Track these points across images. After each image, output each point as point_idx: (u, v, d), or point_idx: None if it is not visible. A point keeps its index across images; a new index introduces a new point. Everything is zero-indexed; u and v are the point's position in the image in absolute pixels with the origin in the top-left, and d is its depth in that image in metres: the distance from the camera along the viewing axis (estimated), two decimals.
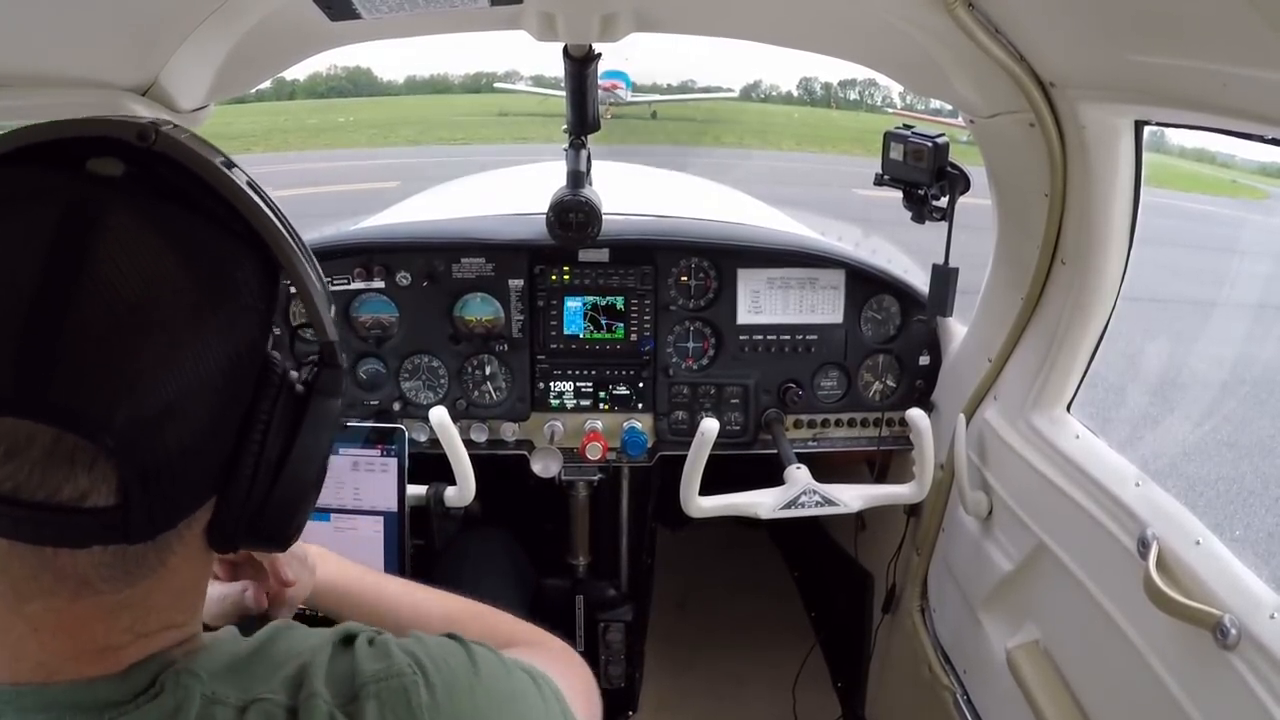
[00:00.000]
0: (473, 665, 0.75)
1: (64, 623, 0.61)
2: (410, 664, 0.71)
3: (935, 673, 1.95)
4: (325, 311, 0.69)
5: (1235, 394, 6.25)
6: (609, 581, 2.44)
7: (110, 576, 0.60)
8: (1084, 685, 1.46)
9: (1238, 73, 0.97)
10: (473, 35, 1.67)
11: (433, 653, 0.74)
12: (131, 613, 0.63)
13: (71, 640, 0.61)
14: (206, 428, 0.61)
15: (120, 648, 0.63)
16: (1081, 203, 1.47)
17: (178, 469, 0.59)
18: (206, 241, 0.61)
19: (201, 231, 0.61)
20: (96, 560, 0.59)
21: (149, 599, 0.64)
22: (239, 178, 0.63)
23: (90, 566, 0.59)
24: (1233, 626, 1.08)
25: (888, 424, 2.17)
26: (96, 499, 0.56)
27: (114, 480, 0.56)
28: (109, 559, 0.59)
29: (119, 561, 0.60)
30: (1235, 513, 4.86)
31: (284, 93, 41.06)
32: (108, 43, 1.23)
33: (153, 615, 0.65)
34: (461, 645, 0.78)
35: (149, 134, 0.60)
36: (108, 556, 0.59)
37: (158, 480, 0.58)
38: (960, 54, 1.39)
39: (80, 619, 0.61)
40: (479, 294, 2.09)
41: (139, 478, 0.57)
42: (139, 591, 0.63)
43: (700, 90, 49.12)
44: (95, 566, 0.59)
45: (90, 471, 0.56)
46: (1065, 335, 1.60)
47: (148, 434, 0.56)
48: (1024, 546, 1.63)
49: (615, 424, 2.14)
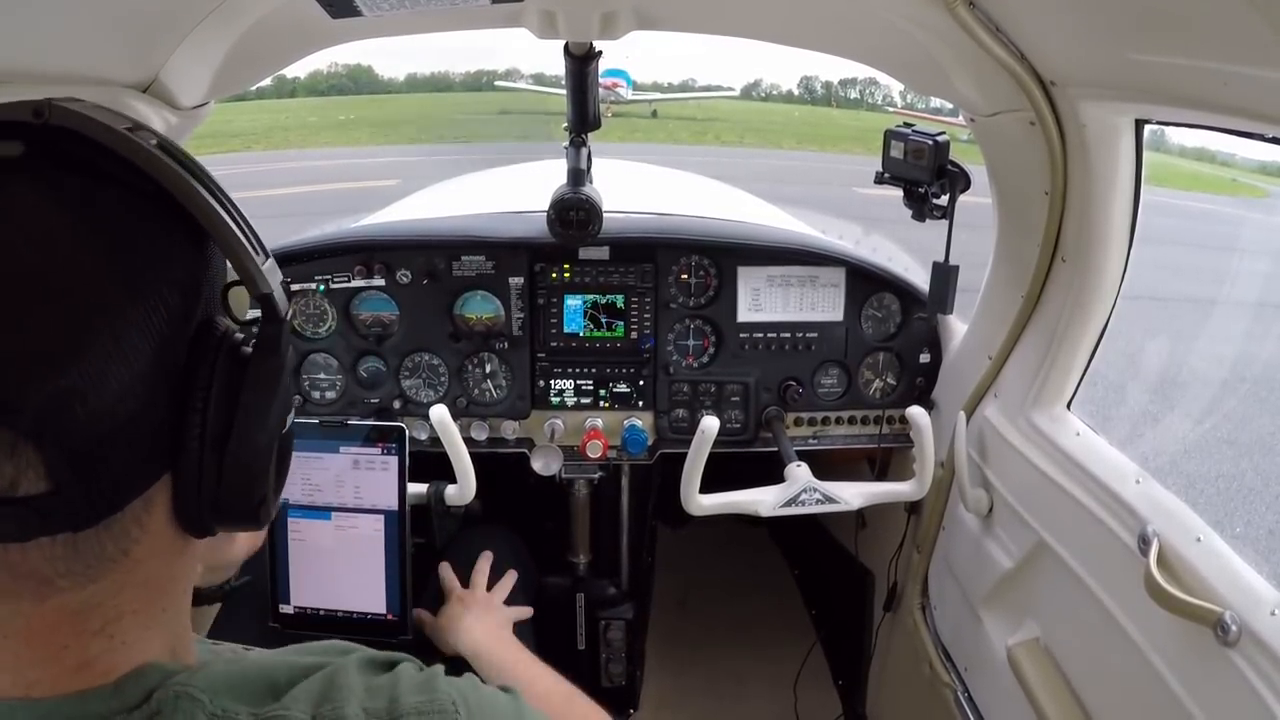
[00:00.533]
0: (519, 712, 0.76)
1: (33, 628, 0.58)
2: (452, 703, 0.70)
3: (936, 670, 1.95)
4: (254, 263, 0.63)
5: (1235, 392, 6.25)
6: (609, 579, 2.44)
7: (68, 571, 0.57)
8: (1085, 682, 1.46)
9: (1238, 71, 0.97)
10: (474, 33, 1.67)
11: (482, 698, 0.74)
12: (101, 613, 0.60)
13: (43, 647, 0.59)
14: (136, 398, 0.57)
15: (99, 656, 0.61)
16: (1082, 201, 1.47)
17: (109, 445, 0.56)
18: (114, 209, 0.59)
19: (109, 200, 0.59)
20: (49, 554, 0.56)
21: (118, 597, 0.61)
22: (145, 140, 0.60)
23: (43, 561, 0.56)
24: (1233, 623, 1.08)
25: (888, 422, 2.17)
26: (27, 486, 0.53)
27: (40, 464, 0.53)
28: (61, 551, 0.57)
29: (73, 554, 0.57)
30: (1236, 509, 4.86)
31: (285, 90, 41.07)
32: (108, 40, 1.23)
33: (127, 617, 0.62)
34: (514, 700, 0.78)
35: (43, 110, 0.58)
36: (59, 549, 0.56)
37: (89, 459, 0.55)
38: (961, 52, 1.39)
39: (48, 623, 0.59)
40: (479, 292, 2.09)
41: (66, 459, 0.54)
42: (105, 587, 0.60)
43: (701, 89, 49.10)
44: (49, 560, 0.57)
45: (13, 458, 0.53)
46: (1065, 333, 1.60)
47: (67, 411, 0.53)
48: (1024, 544, 1.64)
49: (616, 422, 2.14)
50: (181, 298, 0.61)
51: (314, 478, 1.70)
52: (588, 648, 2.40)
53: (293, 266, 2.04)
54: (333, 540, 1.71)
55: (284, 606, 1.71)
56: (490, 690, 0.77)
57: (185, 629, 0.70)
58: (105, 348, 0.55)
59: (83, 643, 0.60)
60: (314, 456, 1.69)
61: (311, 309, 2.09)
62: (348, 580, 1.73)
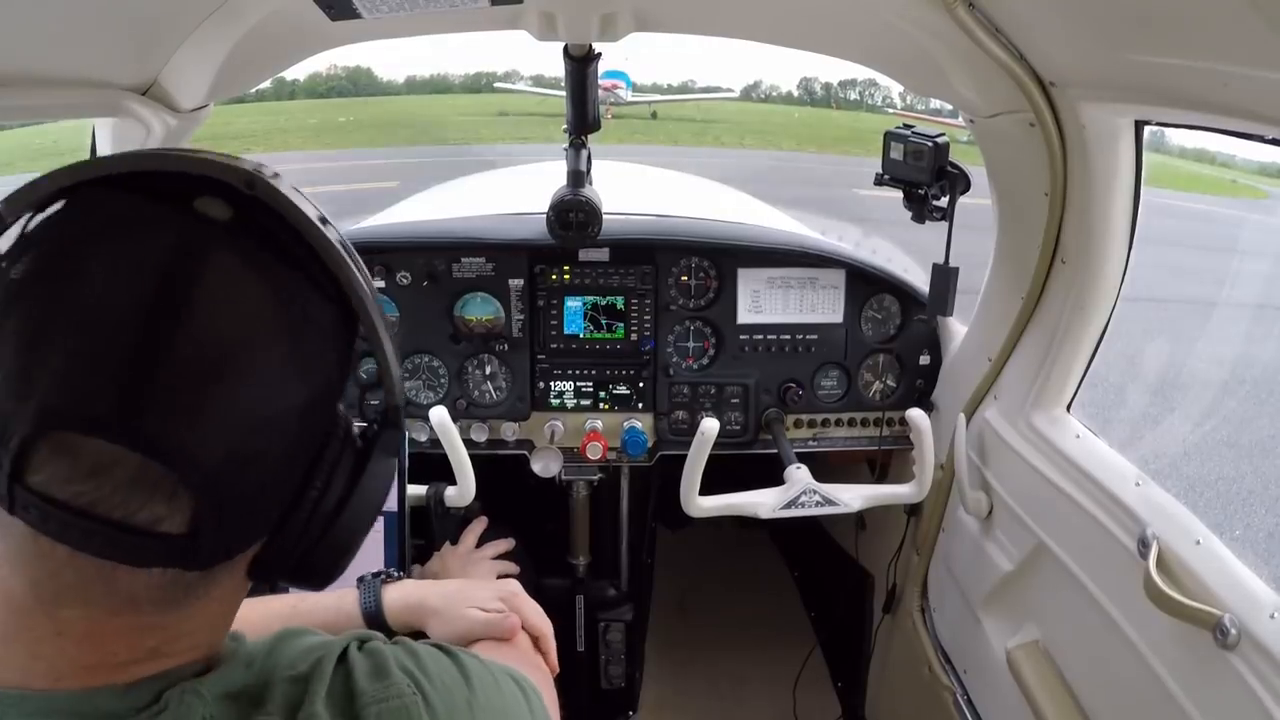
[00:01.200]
0: (466, 681, 0.77)
1: (93, 632, 0.61)
2: (410, 684, 0.72)
3: (935, 673, 1.95)
4: (397, 374, 0.71)
5: (1235, 394, 6.26)
6: (609, 581, 2.44)
7: (159, 599, 0.61)
8: (1084, 685, 1.46)
9: (1238, 72, 0.97)
10: (473, 35, 1.67)
11: (428, 669, 0.76)
12: (161, 634, 0.64)
13: (95, 651, 0.61)
14: (278, 471, 0.63)
15: (137, 664, 0.63)
16: (1082, 202, 1.47)
17: (247, 507, 0.62)
18: (298, 293, 0.62)
19: (295, 283, 0.62)
20: (153, 582, 0.60)
21: (181, 625, 0.65)
22: (332, 235, 0.65)
23: (144, 587, 0.60)
24: (1233, 626, 1.08)
25: (888, 424, 2.17)
26: (169, 526, 0.58)
27: (189, 511, 0.58)
28: (164, 582, 0.60)
29: (171, 585, 0.61)
30: (1235, 512, 4.86)
31: (284, 92, 41.11)
32: (108, 42, 1.23)
33: (181, 639, 0.65)
34: (450, 657, 0.79)
35: (254, 182, 0.62)
36: (164, 579, 0.60)
37: (229, 514, 0.60)
38: (960, 53, 1.39)
39: (112, 632, 0.61)
40: (479, 294, 2.09)
41: (213, 511, 0.59)
42: (176, 618, 0.64)
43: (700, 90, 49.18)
44: (149, 588, 0.60)
45: (170, 501, 0.57)
46: (1065, 335, 1.60)
47: (229, 472, 0.58)
48: (1024, 546, 1.63)
49: (615, 423, 2.14)
50: (330, 385, 0.66)
51: None
52: (587, 649, 2.39)
53: None
54: None
55: None
56: (425, 651, 0.79)
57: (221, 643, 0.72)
58: (273, 421, 0.60)
59: (132, 653, 0.63)
60: None
61: None
62: (347, 580, 1.72)
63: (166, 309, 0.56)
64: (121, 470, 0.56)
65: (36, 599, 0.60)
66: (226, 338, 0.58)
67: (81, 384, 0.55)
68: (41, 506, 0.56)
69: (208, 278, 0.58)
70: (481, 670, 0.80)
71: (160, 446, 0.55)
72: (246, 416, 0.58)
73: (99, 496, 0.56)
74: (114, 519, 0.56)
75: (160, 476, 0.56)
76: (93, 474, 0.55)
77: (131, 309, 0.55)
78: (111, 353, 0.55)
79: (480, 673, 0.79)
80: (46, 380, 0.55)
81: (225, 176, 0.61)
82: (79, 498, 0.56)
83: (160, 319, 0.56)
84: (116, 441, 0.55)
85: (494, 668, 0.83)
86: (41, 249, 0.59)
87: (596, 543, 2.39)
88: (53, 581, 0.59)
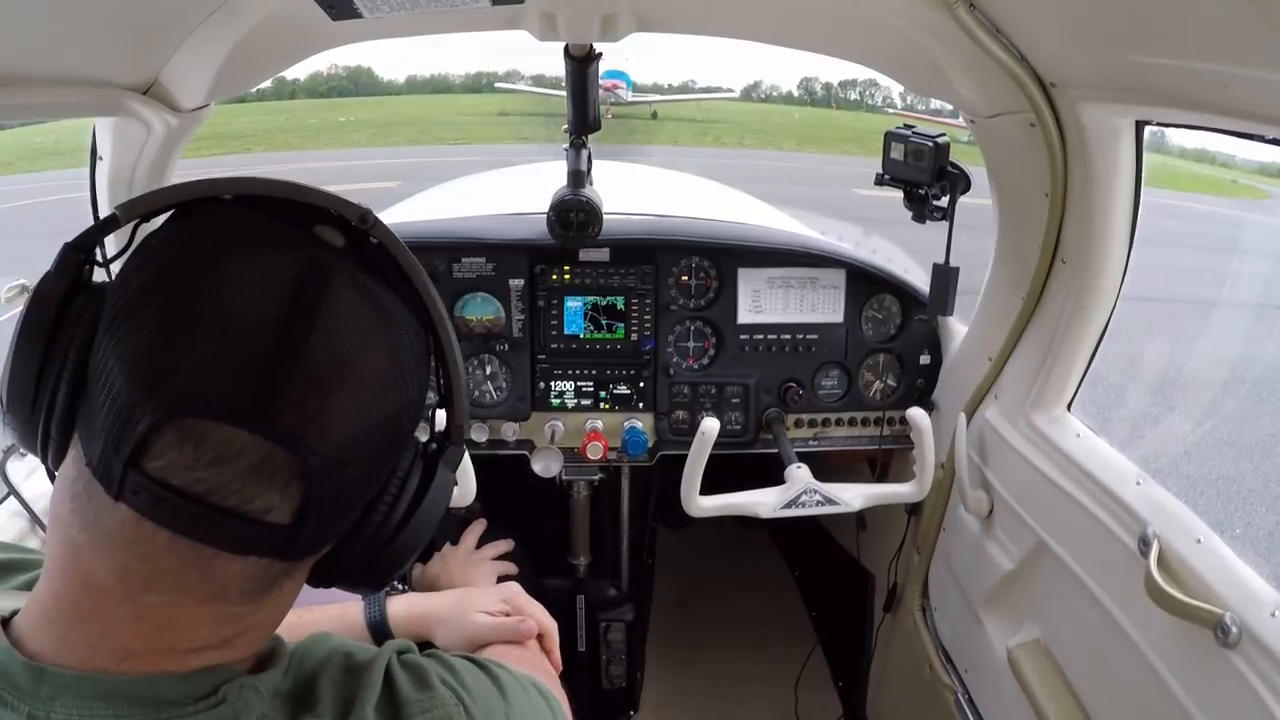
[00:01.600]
0: (502, 694, 0.81)
1: (175, 619, 0.63)
2: (452, 696, 0.76)
3: (936, 672, 1.95)
4: (465, 395, 0.77)
5: (1235, 393, 6.26)
6: (610, 581, 2.44)
7: (247, 590, 0.64)
8: (1085, 684, 1.46)
9: (1239, 73, 0.97)
10: (474, 35, 1.67)
11: (466, 683, 0.79)
12: (236, 625, 0.66)
13: (171, 635, 0.63)
14: (369, 475, 0.68)
15: (204, 653, 0.65)
16: (1082, 202, 1.47)
17: (342, 505, 0.67)
18: (398, 317, 0.69)
19: (395, 308, 0.69)
20: (245, 571, 0.63)
21: (254, 616, 0.67)
22: (424, 271, 0.73)
23: (237, 576, 0.63)
24: (1233, 624, 1.08)
25: (888, 423, 2.17)
26: (277, 516, 0.61)
27: (297, 501, 0.62)
28: (255, 571, 0.63)
29: (260, 575, 0.64)
30: (1236, 511, 4.86)
31: (284, 92, 41.13)
32: (108, 42, 1.23)
33: (250, 632, 0.68)
34: (484, 670, 0.83)
35: (369, 219, 0.70)
36: (255, 569, 0.63)
37: (327, 511, 0.64)
38: (961, 54, 1.39)
39: (193, 620, 0.64)
40: (479, 293, 2.09)
41: (318, 504, 0.63)
42: (252, 608, 0.66)
43: (701, 90, 49.19)
44: (241, 577, 0.63)
45: (284, 490, 0.61)
46: (1066, 334, 1.60)
47: (336, 468, 0.63)
48: (1025, 545, 1.64)
49: (616, 423, 2.14)
50: (414, 403, 0.71)
51: None
52: (588, 649, 2.39)
53: None
54: None
55: None
56: (460, 664, 0.83)
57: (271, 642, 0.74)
58: (373, 428, 0.65)
59: (206, 642, 0.65)
60: None
61: None
62: None
63: (302, 315, 0.62)
64: (247, 459, 0.59)
65: (123, 584, 0.61)
66: (349, 346, 0.63)
67: (224, 375, 0.59)
68: (154, 490, 0.59)
69: (333, 292, 0.64)
70: (513, 683, 0.83)
71: (286, 435, 0.60)
72: (357, 419, 0.63)
73: (217, 484, 0.59)
74: (227, 505, 0.60)
75: (280, 466, 0.60)
76: (216, 461, 0.59)
77: (270, 313, 0.61)
78: (254, 349, 0.60)
79: (513, 685, 0.83)
80: (187, 371, 0.58)
81: (342, 210, 0.69)
82: (196, 484, 0.59)
83: (295, 324, 0.61)
84: (253, 430, 0.59)
85: (522, 679, 0.86)
86: (176, 250, 0.64)
87: (597, 543, 2.39)
88: (145, 566, 0.61)
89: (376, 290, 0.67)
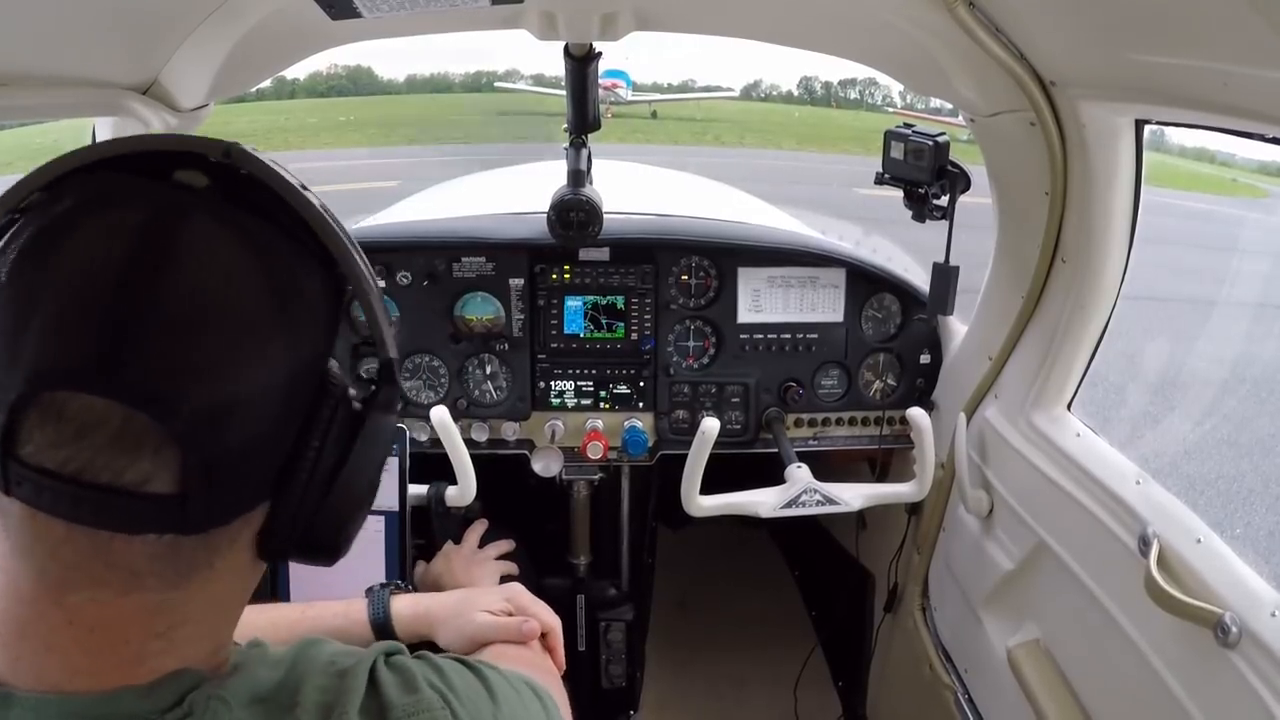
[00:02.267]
0: (491, 696, 0.79)
1: (104, 618, 0.61)
2: (439, 699, 0.74)
3: (936, 672, 1.95)
4: (387, 329, 0.72)
5: (1235, 392, 6.25)
6: (610, 581, 2.44)
7: (161, 571, 0.61)
8: (1085, 684, 1.46)
9: (1238, 71, 0.97)
10: (473, 34, 1.67)
11: (454, 685, 0.77)
12: (169, 617, 0.63)
13: (106, 639, 0.61)
14: (266, 429, 0.63)
15: (151, 656, 0.63)
16: (1082, 201, 1.47)
17: (236, 465, 0.62)
18: (280, 252, 0.64)
19: (276, 242, 0.64)
20: (150, 551, 0.60)
21: (189, 604, 0.64)
22: (313, 199, 0.67)
23: (143, 558, 0.60)
24: (1233, 624, 1.08)
25: (888, 423, 2.17)
26: (158, 485, 0.58)
27: (176, 467, 0.58)
28: (162, 550, 0.60)
29: (171, 555, 0.61)
30: (1236, 511, 4.86)
31: (284, 91, 41.13)
32: (108, 41, 1.23)
33: (190, 625, 0.65)
34: (473, 672, 0.81)
35: (231, 152, 0.64)
36: (161, 548, 0.60)
37: (217, 473, 0.60)
38: (961, 53, 1.39)
39: (121, 616, 0.61)
40: (479, 293, 2.09)
41: (200, 467, 0.59)
42: (183, 595, 0.64)
43: (700, 89, 49.18)
44: (148, 558, 0.60)
45: (155, 456, 0.57)
46: (1066, 334, 1.60)
47: (212, 425, 0.59)
48: (1025, 545, 1.63)
49: (616, 423, 2.14)
50: (318, 345, 0.67)
51: None
52: (588, 649, 2.39)
53: None
54: None
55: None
56: (449, 665, 0.80)
57: (230, 635, 0.72)
58: (255, 376, 0.61)
59: (143, 641, 0.63)
60: None
61: None
62: (347, 580, 1.72)
63: (142, 264, 0.58)
64: (106, 428, 0.56)
65: (44, 588, 0.60)
66: (205, 290, 0.59)
67: (62, 341, 0.56)
68: (35, 479, 0.56)
69: (184, 236, 0.59)
70: (503, 683, 0.81)
71: (141, 395, 0.56)
72: (227, 368, 0.59)
73: (87, 460, 0.56)
74: (102, 482, 0.57)
75: (144, 431, 0.57)
76: (79, 435, 0.56)
77: (108, 268, 0.57)
78: (90, 308, 0.56)
79: (502, 686, 0.81)
80: (30, 345, 0.56)
81: (201, 148, 0.64)
82: (68, 464, 0.56)
83: (136, 273, 0.57)
84: (98, 393, 0.56)
85: (512, 678, 0.84)
86: (30, 228, 0.60)
87: (597, 542, 2.39)
88: (55, 564, 0.59)
89: (251, 224, 0.63)
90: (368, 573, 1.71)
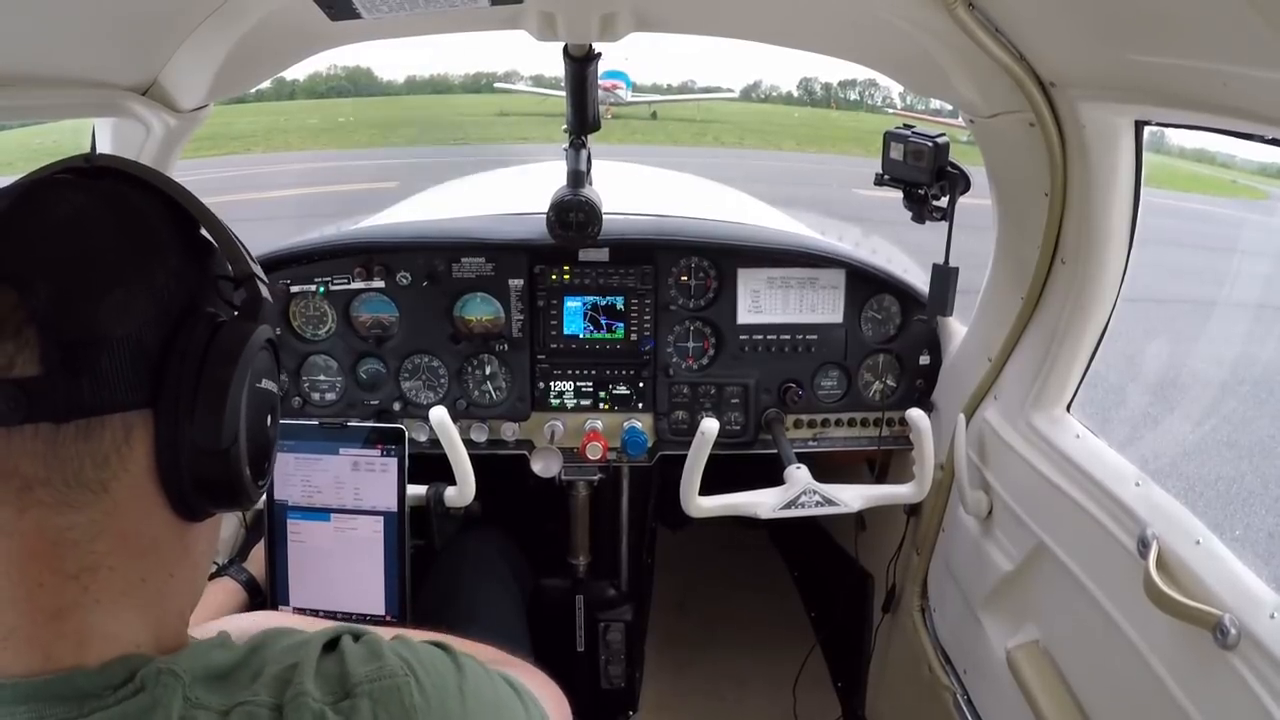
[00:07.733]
0: (459, 671, 0.78)
1: (12, 551, 0.63)
2: (402, 666, 0.73)
3: (935, 673, 1.95)
4: (242, 250, 0.77)
5: (1235, 394, 6.25)
6: (609, 581, 2.44)
7: (48, 479, 0.63)
8: (1084, 685, 1.46)
9: (1238, 72, 0.97)
10: (473, 35, 1.67)
11: (421, 657, 0.77)
12: (78, 556, 0.65)
13: (21, 579, 0.63)
14: (129, 324, 0.66)
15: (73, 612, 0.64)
16: (1081, 202, 1.47)
17: (99, 349, 0.64)
18: (129, 198, 0.72)
19: (131, 197, 0.72)
20: (29, 448, 0.62)
21: (95, 542, 0.65)
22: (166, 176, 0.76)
23: (24, 456, 0.62)
24: (1233, 626, 1.08)
25: (888, 424, 2.17)
26: (21, 369, 0.61)
27: (36, 348, 0.61)
28: (41, 448, 0.63)
29: (52, 454, 0.63)
30: (1235, 512, 4.86)
31: (284, 92, 41.15)
32: (107, 42, 1.23)
33: (103, 571, 0.66)
34: (447, 653, 0.80)
35: (90, 158, 0.74)
36: (40, 444, 0.62)
37: (79, 354, 0.63)
38: (960, 54, 1.39)
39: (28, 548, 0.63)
40: (479, 294, 2.09)
41: (61, 348, 0.62)
42: (82, 522, 0.65)
43: (700, 90, 49.23)
44: (30, 456, 0.62)
45: (16, 337, 0.61)
46: (1065, 335, 1.60)
47: (73, 305, 0.63)
48: (1024, 546, 1.63)
49: (615, 424, 2.14)
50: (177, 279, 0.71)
51: (314, 479, 1.69)
52: (587, 649, 2.39)
53: (292, 268, 2.04)
54: (332, 542, 1.71)
55: (283, 607, 1.71)
56: (422, 645, 0.80)
57: (175, 617, 0.73)
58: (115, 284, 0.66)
59: (59, 584, 0.64)
60: (314, 458, 1.69)
61: (311, 311, 2.09)
62: (347, 582, 1.73)
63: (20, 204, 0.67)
64: None
65: None
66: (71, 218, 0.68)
67: None
68: None
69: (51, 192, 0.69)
70: (476, 668, 0.81)
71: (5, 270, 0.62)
72: (90, 274, 0.65)
73: None
74: None
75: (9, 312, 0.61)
76: None
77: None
78: None
79: (474, 668, 0.80)
80: None
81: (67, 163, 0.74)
82: None
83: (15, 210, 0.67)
84: None
85: (491, 669, 0.83)
86: None
87: (596, 543, 2.39)
88: None
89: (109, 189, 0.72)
90: (367, 573, 1.71)
